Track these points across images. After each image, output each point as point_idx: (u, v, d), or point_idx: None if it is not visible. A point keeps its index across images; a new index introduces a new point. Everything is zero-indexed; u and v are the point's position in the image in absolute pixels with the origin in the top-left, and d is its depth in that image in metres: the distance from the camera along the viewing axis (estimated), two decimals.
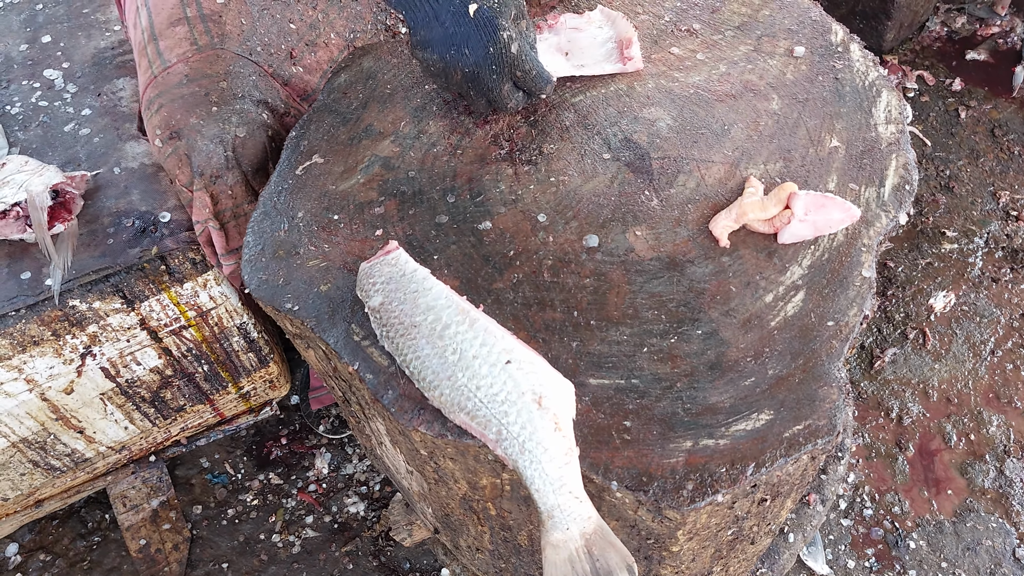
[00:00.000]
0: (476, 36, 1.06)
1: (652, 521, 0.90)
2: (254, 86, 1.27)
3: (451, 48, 1.07)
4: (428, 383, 0.91)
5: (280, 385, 1.83)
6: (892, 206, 1.07)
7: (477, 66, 1.07)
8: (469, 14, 1.05)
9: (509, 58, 1.07)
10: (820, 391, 0.92)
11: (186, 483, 1.90)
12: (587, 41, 1.26)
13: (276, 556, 1.80)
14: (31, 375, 1.43)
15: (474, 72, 1.08)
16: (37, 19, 1.82)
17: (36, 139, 1.59)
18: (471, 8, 1.05)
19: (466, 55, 1.07)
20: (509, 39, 1.05)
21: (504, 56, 1.07)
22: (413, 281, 0.96)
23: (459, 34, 1.06)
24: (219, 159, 1.22)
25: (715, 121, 1.17)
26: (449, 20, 1.06)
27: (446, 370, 0.90)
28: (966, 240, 2.14)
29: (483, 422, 0.87)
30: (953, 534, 1.74)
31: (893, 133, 1.14)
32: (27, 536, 1.83)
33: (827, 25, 1.28)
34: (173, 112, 1.22)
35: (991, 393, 1.90)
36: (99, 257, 1.40)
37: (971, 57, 2.54)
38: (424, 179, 1.14)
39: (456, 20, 1.06)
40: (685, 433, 0.89)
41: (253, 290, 1.06)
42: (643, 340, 0.97)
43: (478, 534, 1.21)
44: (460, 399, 0.89)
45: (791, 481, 0.96)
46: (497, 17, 1.05)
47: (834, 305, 0.98)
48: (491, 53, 1.06)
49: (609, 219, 1.08)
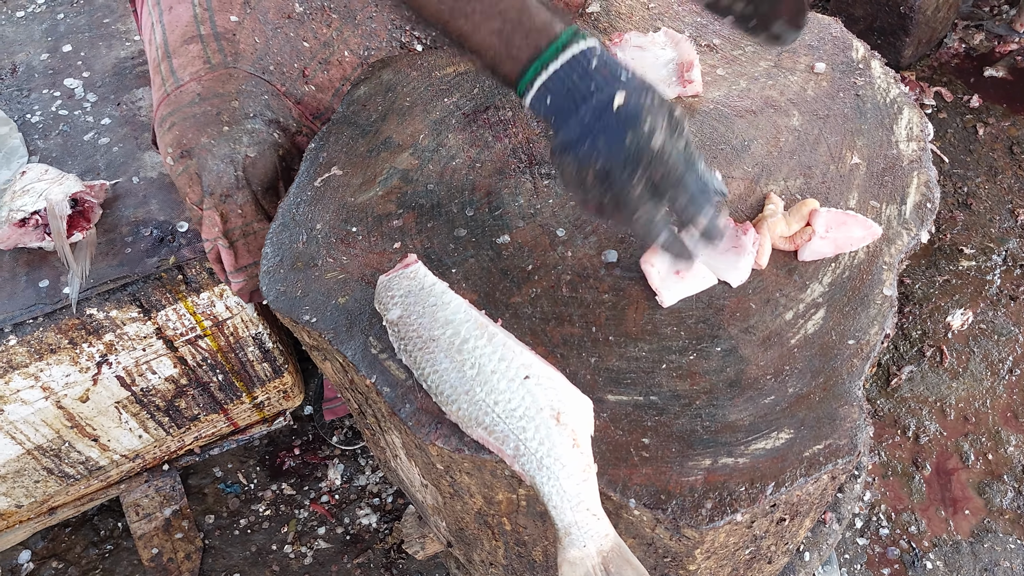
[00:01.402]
0: (615, 127, 0.87)
1: (670, 539, 0.89)
2: (266, 105, 1.27)
3: (584, 143, 0.88)
4: (446, 397, 0.91)
5: (294, 395, 1.83)
6: (914, 224, 1.06)
7: (609, 160, 0.87)
8: (613, 109, 0.87)
9: (649, 152, 0.86)
10: (841, 410, 0.91)
11: (199, 492, 1.90)
12: (650, 60, 1.23)
13: (288, 567, 1.79)
14: (47, 383, 1.44)
15: (604, 168, 0.88)
16: (58, 29, 1.83)
17: (56, 148, 1.60)
18: (616, 103, 0.87)
19: (598, 148, 0.88)
20: (652, 129, 0.86)
21: (642, 147, 0.86)
22: (432, 295, 0.96)
23: (596, 128, 0.88)
24: (229, 178, 1.22)
25: (735, 137, 1.17)
26: (590, 116, 0.88)
27: (464, 384, 0.89)
28: (984, 257, 2.13)
29: (501, 437, 0.87)
30: (970, 554, 1.72)
31: (915, 150, 1.14)
32: (40, 543, 1.83)
33: (848, 42, 1.28)
34: (185, 131, 1.22)
35: (1009, 412, 1.89)
36: (117, 266, 1.40)
37: (989, 74, 2.53)
38: (443, 192, 1.14)
39: (597, 115, 0.88)
40: (704, 451, 0.89)
41: (271, 301, 1.06)
42: (662, 357, 0.96)
43: (492, 549, 1.21)
44: (478, 414, 0.88)
45: (810, 500, 0.96)
46: (643, 112, 0.87)
47: (855, 323, 0.98)
48: (627, 144, 0.86)
49: (628, 234, 1.07)
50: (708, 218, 0.90)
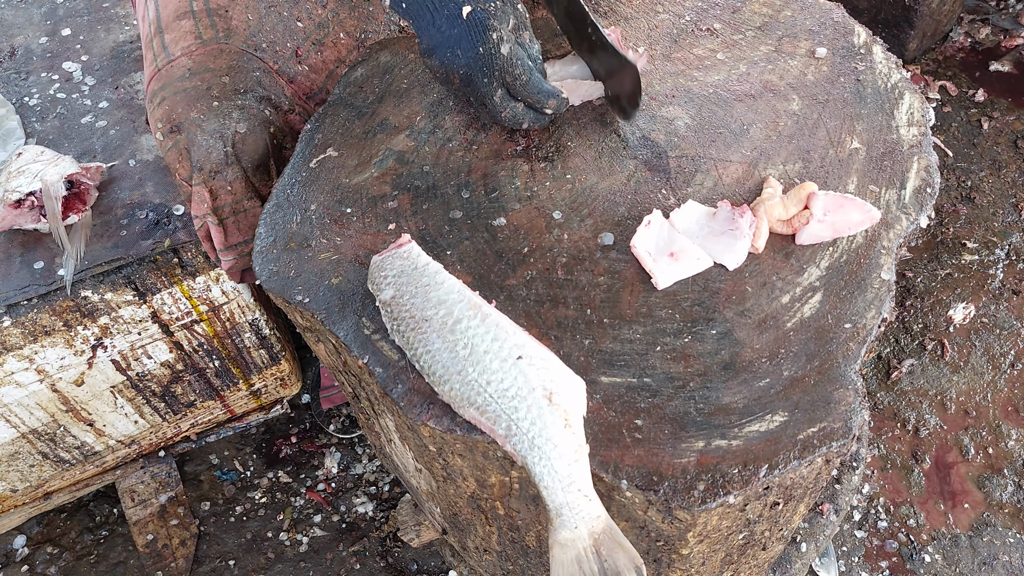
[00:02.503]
0: (467, 37, 1.03)
1: (662, 522, 0.88)
2: (257, 82, 1.26)
3: (446, 51, 1.05)
4: (438, 377, 0.90)
5: (291, 383, 1.82)
6: (913, 209, 1.05)
7: (469, 68, 1.04)
8: (462, 16, 1.02)
9: (500, 60, 1.03)
10: (835, 393, 0.90)
11: (195, 479, 1.90)
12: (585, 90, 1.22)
13: (283, 554, 1.79)
14: (42, 365, 1.43)
15: (467, 75, 1.05)
16: (57, 12, 1.83)
17: (53, 130, 1.59)
18: (464, 10, 1.02)
19: (458, 57, 1.04)
20: (499, 40, 1.02)
21: (494, 58, 1.03)
22: (425, 275, 0.95)
23: (453, 36, 1.04)
24: (218, 154, 1.21)
25: (734, 121, 1.16)
26: (445, 23, 1.04)
27: (456, 364, 0.89)
28: (987, 251, 2.12)
29: (493, 417, 0.86)
30: (969, 548, 1.71)
31: (915, 135, 1.13)
32: (35, 528, 1.83)
33: (849, 27, 1.27)
34: (174, 105, 1.21)
35: (1010, 406, 1.87)
36: (112, 248, 1.40)
37: (995, 68, 2.51)
38: (439, 174, 1.13)
39: (451, 23, 1.03)
40: (697, 433, 0.88)
41: (264, 281, 1.05)
42: (656, 339, 0.95)
43: (486, 535, 1.20)
44: (470, 394, 0.87)
45: (804, 484, 0.95)
46: (489, 19, 1.02)
47: (852, 307, 0.97)
48: (480, 54, 1.02)
49: (625, 217, 1.07)
50: (556, 101, 1.10)
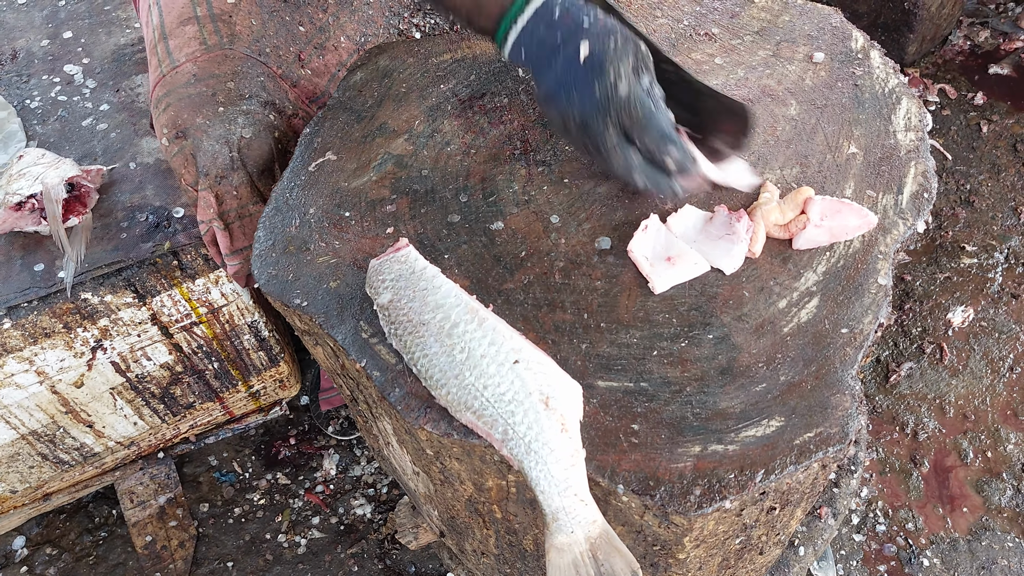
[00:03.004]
0: (584, 78, 0.95)
1: (658, 526, 0.89)
2: (262, 87, 1.27)
3: (563, 96, 0.97)
4: (435, 381, 0.90)
5: (290, 385, 1.83)
6: (910, 214, 1.06)
7: (584, 111, 0.95)
8: (580, 61, 0.95)
9: (616, 99, 0.94)
10: (832, 399, 0.90)
11: (194, 481, 1.90)
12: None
13: (281, 556, 1.79)
14: (42, 367, 1.44)
15: (583, 119, 0.96)
16: (59, 15, 1.83)
17: (54, 133, 1.60)
18: (582, 51, 0.94)
19: (574, 100, 0.96)
20: (616, 78, 0.93)
21: (610, 98, 0.94)
22: (423, 279, 0.96)
23: (570, 79, 0.96)
24: (224, 159, 1.22)
25: None
26: (562, 67, 0.96)
27: (453, 368, 0.89)
28: (986, 255, 2.12)
29: (489, 421, 0.86)
30: (968, 552, 1.71)
31: (912, 140, 1.13)
32: (34, 529, 1.84)
33: (847, 32, 1.27)
34: (180, 111, 1.22)
35: (1009, 410, 1.88)
36: (112, 251, 1.40)
37: (994, 71, 2.52)
38: (437, 178, 1.14)
39: (568, 65, 0.96)
40: (694, 438, 0.88)
41: (262, 285, 1.05)
42: (653, 343, 0.96)
43: (483, 538, 1.20)
44: (467, 398, 0.88)
45: (801, 490, 0.95)
46: (607, 57, 0.94)
47: (849, 312, 0.97)
48: (596, 94, 0.94)
49: (622, 222, 1.07)
50: (678, 153, 0.98)
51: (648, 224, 1.03)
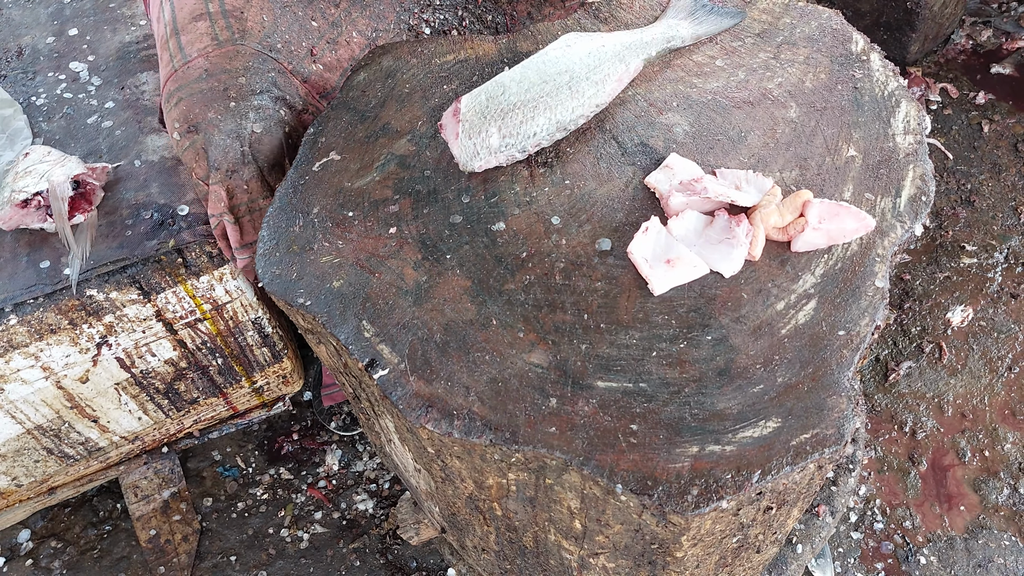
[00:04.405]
0: None
1: (656, 525, 0.90)
2: (273, 83, 1.28)
3: None
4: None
5: (293, 381, 1.84)
6: (908, 217, 1.07)
7: None
8: None
9: None
10: (829, 400, 0.91)
11: (197, 475, 1.92)
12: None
13: (284, 551, 1.81)
14: (47, 363, 1.45)
15: None
16: (64, 12, 1.84)
17: (59, 130, 1.60)
18: None
19: None
20: None
21: None
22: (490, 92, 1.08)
23: None
24: (235, 154, 1.23)
25: (732, 128, 1.17)
26: None
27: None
28: (985, 255, 2.12)
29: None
30: (964, 551, 1.72)
31: (911, 144, 1.14)
32: (39, 523, 1.85)
33: (847, 34, 1.28)
34: (191, 106, 1.23)
35: (1007, 409, 1.88)
36: (117, 248, 1.41)
37: (996, 71, 2.52)
38: (439, 178, 1.15)
39: None
40: (692, 438, 0.89)
41: (266, 284, 1.06)
42: (652, 344, 0.97)
43: (484, 534, 1.22)
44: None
45: (797, 490, 0.96)
46: None
47: (846, 315, 0.98)
48: None
49: (623, 223, 1.08)
50: None
51: (648, 226, 1.04)
